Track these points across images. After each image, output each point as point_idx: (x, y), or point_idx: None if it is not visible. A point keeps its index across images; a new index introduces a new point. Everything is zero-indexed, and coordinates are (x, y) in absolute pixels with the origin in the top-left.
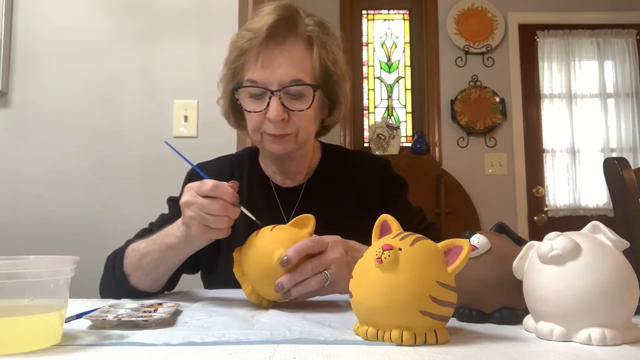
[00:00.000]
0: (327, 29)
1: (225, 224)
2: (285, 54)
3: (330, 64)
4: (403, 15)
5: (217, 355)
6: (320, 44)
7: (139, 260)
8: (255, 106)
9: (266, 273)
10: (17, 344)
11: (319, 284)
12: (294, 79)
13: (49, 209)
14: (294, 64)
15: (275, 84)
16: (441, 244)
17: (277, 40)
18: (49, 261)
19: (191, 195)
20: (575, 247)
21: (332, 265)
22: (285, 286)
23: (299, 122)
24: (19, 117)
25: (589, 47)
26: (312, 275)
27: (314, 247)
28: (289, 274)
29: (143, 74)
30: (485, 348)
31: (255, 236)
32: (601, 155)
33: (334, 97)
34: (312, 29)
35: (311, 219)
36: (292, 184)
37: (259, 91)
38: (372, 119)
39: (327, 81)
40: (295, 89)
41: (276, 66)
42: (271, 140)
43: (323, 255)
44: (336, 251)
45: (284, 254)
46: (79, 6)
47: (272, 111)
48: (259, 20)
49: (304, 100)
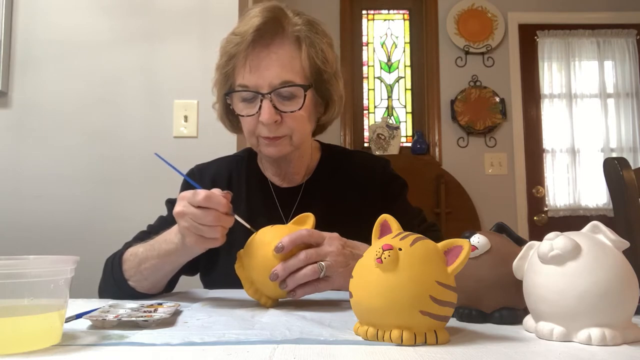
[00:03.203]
0: (315, 27)
1: (220, 233)
2: (273, 56)
3: (320, 63)
4: (403, 15)
5: (217, 355)
6: (309, 43)
7: (138, 266)
8: (248, 110)
9: (263, 264)
10: (17, 344)
11: (314, 274)
12: (284, 80)
13: (49, 209)
14: (283, 65)
15: (265, 87)
16: (441, 244)
17: (264, 43)
18: (49, 261)
19: (184, 205)
20: (575, 247)
21: (328, 258)
22: (280, 274)
23: (292, 124)
24: (19, 117)
25: (589, 47)
26: (306, 264)
27: (310, 237)
28: (283, 262)
29: (143, 74)
30: (485, 348)
31: (256, 234)
32: (601, 155)
33: (327, 95)
34: (299, 28)
35: (310, 217)
36: (290, 185)
37: (250, 95)
38: (372, 119)
39: (318, 80)
40: (286, 91)
41: (265, 69)
42: (266, 144)
43: (319, 247)
44: (333, 245)
45: (279, 241)
46: (79, 6)
47: (264, 114)
48: (245, 24)
49: (296, 101)
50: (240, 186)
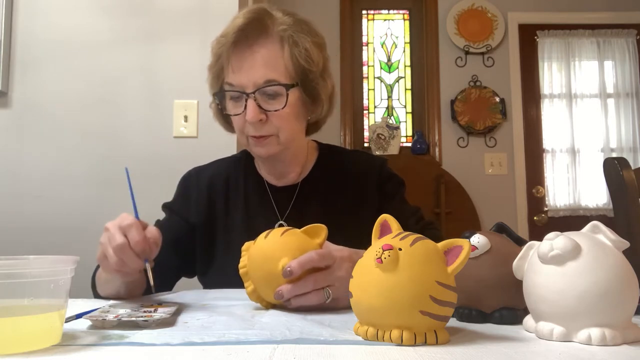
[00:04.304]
0: (303, 26)
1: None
2: (256, 55)
3: (304, 62)
4: (403, 15)
5: (217, 355)
6: (292, 42)
7: (105, 289)
8: (236, 109)
9: (269, 278)
10: (17, 344)
11: (319, 301)
12: (267, 79)
13: (48, 209)
14: (266, 64)
15: (250, 86)
16: (441, 244)
17: (248, 43)
18: (49, 261)
19: (114, 224)
20: (575, 247)
21: (336, 283)
22: (285, 295)
23: (277, 123)
24: (19, 117)
25: (589, 47)
26: (313, 289)
27: (320, 261)
28: (290, 284)
29: (143, 74)
30: (485, 348)
31: (264, 238)
32: (601, 155)
33: (314, 94)
34: (284, 28)
35: (323, 230)
36: (286, 183)
37: (236, 94)
38: (372, 119)
39: (304, 79)
40: (270, 89)
41: (248, 68)
42: (254, 143)
43: (328, 271)
44: (342, 269)
45: (288, 264)
46: (79, 6)
47: (249, 113)
48: (229, 26)
49: (280, 99)
50: (237, 186)
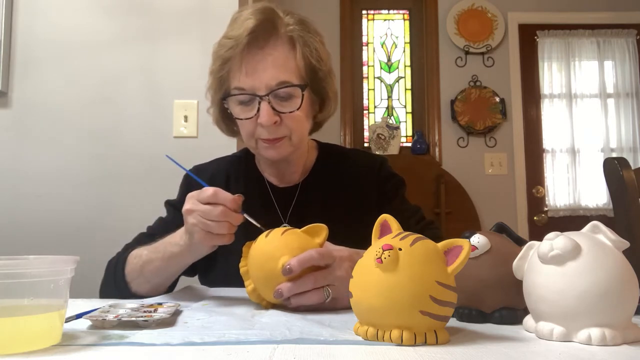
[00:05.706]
0: (308, 26)
1: (227, 229)
2: (269, 58)
3: (315, 61)
4: (403, 15)
5: (217, 355)
6: (303, 42)
7: (141, 268)
8: (246, 113)
9: (269, 277)
10: (17, 344)
11: (319, 300)
12: (280, 81)
13: (49, 209)
14: (279, 66)
15: (263, 89)
16: (441, 244)
17: (259, 45)
18: (49, 261)
19: (192, 203)
20: (575, 247)
21: (336, 282)
22: (284, 294)
23: (291, 124)
24: (19, 117)
25: (589, 47)
26: (313, 288)
27: (320, 259)
28: (290, 282)
29: (143, 74)
30: (485, 348)
31: (264, 237)
32: (601, 155)
33: (322, 93)
34: (292, 28)
35: (324, 229)
36: (287, 184)
37: (247, 98)
38: (372, 119)
39: (314, 78)
40: (283, 91)
41: (261, 71)
42: (266, 147)
43: (328, 271)
44: (342, 268)
45: (287, 262)
46: (79, 6)
47: (263, 116)
48: (239, 27)
49: (293, 101)
50: (238, 186)
